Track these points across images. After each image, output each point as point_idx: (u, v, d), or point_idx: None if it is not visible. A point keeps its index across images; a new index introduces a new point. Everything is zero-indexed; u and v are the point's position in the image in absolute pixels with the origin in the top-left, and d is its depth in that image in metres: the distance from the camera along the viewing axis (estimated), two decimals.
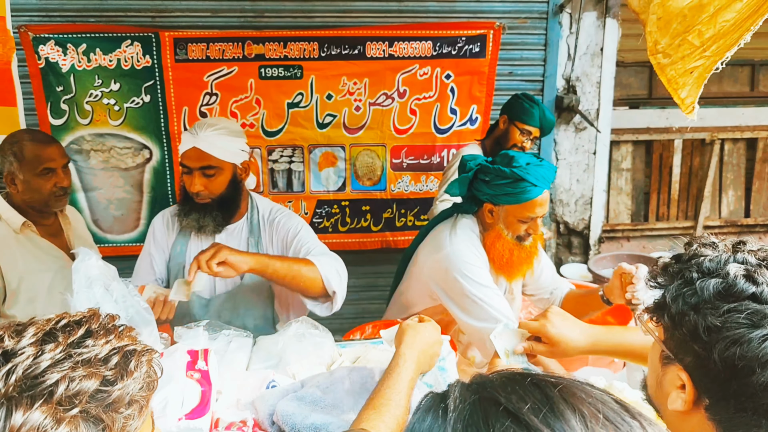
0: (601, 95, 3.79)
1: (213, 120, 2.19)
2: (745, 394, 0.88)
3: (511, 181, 2.03)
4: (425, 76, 3.64)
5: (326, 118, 3.64)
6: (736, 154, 5.15)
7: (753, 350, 0.85)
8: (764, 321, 0.86)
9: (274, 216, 2.33)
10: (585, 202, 3.99)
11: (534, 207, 2.05)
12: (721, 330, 0.88)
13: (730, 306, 0.88)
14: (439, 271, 2.15)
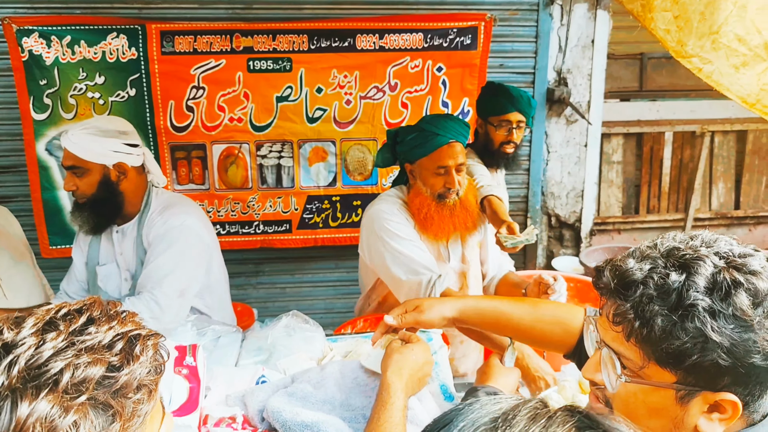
0: (592, 87, 3.77)
1: (92, 121, 2.17)
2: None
3: (418, 133, 2.14)
4: (416, 68, 3.61)
5: (316, 112, 3.60)
6: (726, 147, 5.15)
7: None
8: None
9: (165, 211, 2.23)
10: (576, 195, 3.98)
11: (443, 156, 2.12)
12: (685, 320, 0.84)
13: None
14: (364, 233, 2.24)
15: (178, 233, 2.15)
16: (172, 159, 3.57)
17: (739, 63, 1.89)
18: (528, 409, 0.57)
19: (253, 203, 3.67)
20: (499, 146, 2.73)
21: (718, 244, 0.92)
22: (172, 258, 2.11)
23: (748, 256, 0.89)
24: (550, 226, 4.07)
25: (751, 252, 0.91)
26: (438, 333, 1.66)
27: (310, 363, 1.56)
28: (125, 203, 2.20)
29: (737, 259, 0.87)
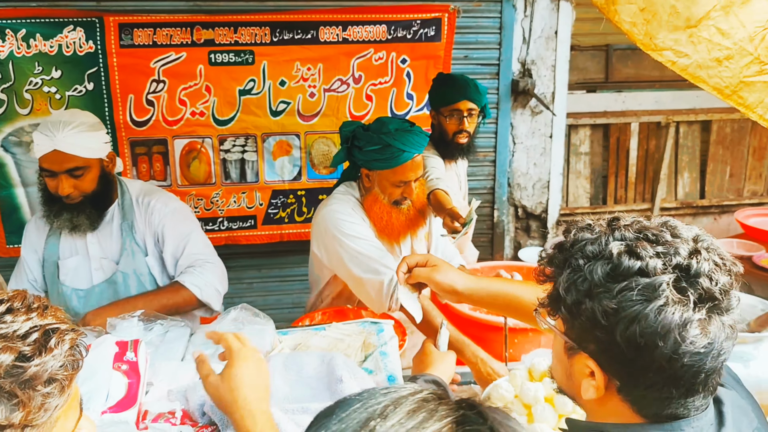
0: (556, 78, 3.79)
1: (66, 117, 2.09)
2: (652, 368, 0.87)
3: (380, 147, 2.08)
4: (380, 60, 3.59)
5: (279, 105, 3.57)
6: (691, 137, 5.22)
7: (651, 324, 0.84)
8: (655, 293, 0.85)
9: (145, 198, 2.31)
10: (542, 186, 4.00)
11: (405, 172, 2.11)
12: (618, 311, 0.87)
13: (621, 285, 0.87)
14: (318, 233, 2.21)
15: (187, 212, 2.38)
16: (132, 154, 3.50)
17: (722, 56, 1.91)
18: (413, 402, 0.55)
19: (216, 199, 3.63)
20: (452, 136, 2.72)
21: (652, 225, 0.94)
22: (198, 232, 2.33)
23: (670, 237, 0.90)
24: (516, 217, 4.08)
25: (681, 237, 0.91)
26: (389, 324, 1.65)
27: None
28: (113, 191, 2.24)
29: (653, 236, 0.90)
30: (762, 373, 1.93)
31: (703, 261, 0.87)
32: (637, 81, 5.04)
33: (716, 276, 0.87)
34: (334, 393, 1.27)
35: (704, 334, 0.84)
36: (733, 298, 0.88)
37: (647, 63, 5.07)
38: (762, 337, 1.97)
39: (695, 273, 0.86)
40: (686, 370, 0.85)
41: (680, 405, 0.90)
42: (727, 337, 0.87)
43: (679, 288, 0.85)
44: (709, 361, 0.86)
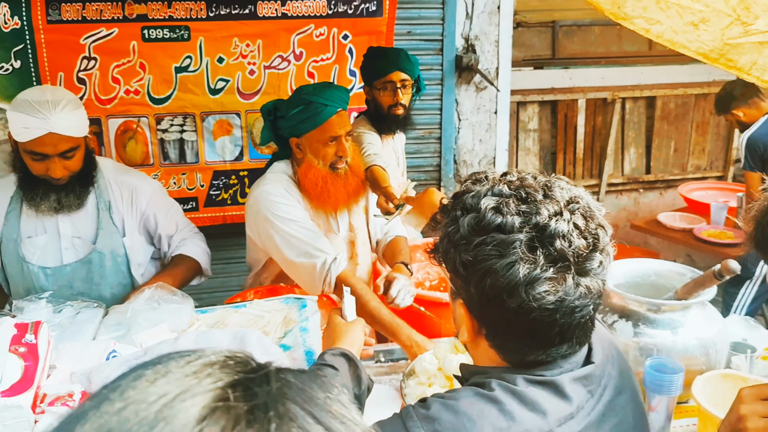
0: (499, 54, 3.78)
1: (48, 95, 2.01)
2: (503, 320, 0.93)
3: (303, 107, 2.08)
4: (322, 36, 3.52)
5: (218, 83, 3.47)
6: (637, 113, 5.30)
7: (499, 279, 0.89)
8: (507, 250, 0.89)
9: (122, 177, 2.30)
10: (488, 162, 4.00)
11: (333, 127, 2.10)
12: (473, 264, 0.91)
13: (479, 240, 0.91)
14: (251, 216, 2.18)
15: (163, 187, 2.49)
16: None
17: (697, 20, 1.90)
18: (189, 368, 0.46)
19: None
20: (388, 110, 2.69)
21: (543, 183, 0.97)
22: (178, 205, 2.47)
23: (540, 197, 0.93)
24: None
25: (552, 198, 0.94)
26: (313, 299, 1.62)
27: (172, 335, 1.49)
28: None
29: (525, 194, 0.93)
30: (688, 339, 1.97)
31: (562, 222, 0.90)
32: (584, 57, 5.08)
33: (572, 238, 0.90)
34: None
35: (553, 292, 0.88)
36: (593, 261, 0.92)
37: (593, 39, 5.11)
38: (689, 305, 2.00)
39: (550, 233, 0.89)
40: (538, 323, 0.90)
41: (541, 353, 0.95)
42: (582, 296, 0.91)
43: (531, 247, 0.89)
44: (561, 316, 0.90)
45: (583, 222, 0.92)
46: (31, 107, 1.93)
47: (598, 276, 0.93)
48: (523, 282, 0.87)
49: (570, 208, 0.93)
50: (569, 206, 0.93)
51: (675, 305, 2.02)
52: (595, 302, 0.94)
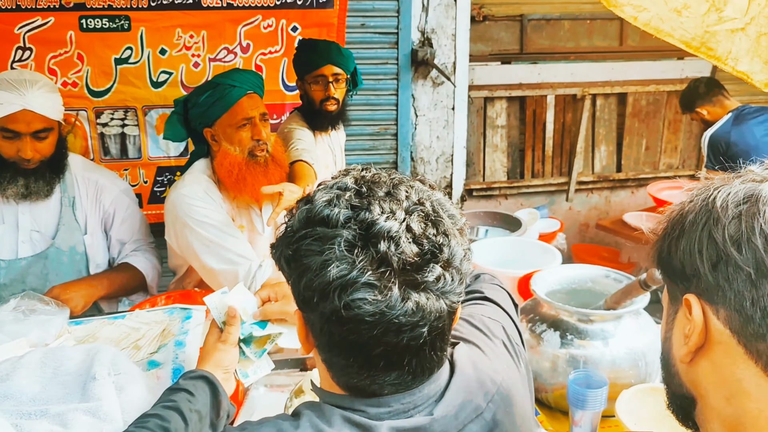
0: (457, 48, 3.66)
1: (26, 75, 2.03)
2: (325, 331, 0.79)
3: (211, 90, 2.01)
4: (270, 28, 3.39)
5: (161, 75, 3.34)
6: (608, 110, 5.20)
7: (313, 279, 0.77)
8: (326, 246, 0.76)
9: (90, 174, 2.26)
10: (446, 160, 3.89)
11: (244, 108, 2.01)
12: (293, 259, 0.80)
13: (303, 232, 0.79)
14: (169, 221, 2.10)
15: (131, 192, 2.42)
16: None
17: (680, 6, 1.80)
18: None
19: None
20: (320, 104, 2.58)
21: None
22: (141, 214, 2.44)
23: (381, 193, 0.82)
24: None
25: (394, 196, 0.82)
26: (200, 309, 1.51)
27: (26, 350, 1.38)
28: None
29: (366, 190, 0.82)
30: (617, 351, 1.88)
31: (392, 221, 0.77)
32: (553, 52, 4.97)
33: (400, 241, 0.76)
34: (85, 393, 1.12)
35: (371, 302, 0.75)
36: (428, 273, 0.78)
37: (562, 34, 5.00)
38: (621, 314, 1.90)
39: (375, 232, 0.76)
40: (357, 337, 0.77)
41: (365, 377, 0.81)
42: (410, 313, 0.76)
43: (351, 245, 0.76)
44: (383, 333, 0.76)
45: (420, 226, 0.79)
46: (8, 84, 1.92)
47: (439, 293, 0.79)
48: (336, 285, 0.75)
49: (410, 209, 0.80)
50: (411, 207, 0.81)
51: (606, 315, 1.92)
52: (432, 325, 0.79)
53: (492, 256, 2.70)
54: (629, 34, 5.10)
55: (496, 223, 3.48)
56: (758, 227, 0.62)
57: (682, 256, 0.69)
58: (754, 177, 0.68)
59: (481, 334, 1.03)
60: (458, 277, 0.81)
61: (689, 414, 0.73)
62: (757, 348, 0.62)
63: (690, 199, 0.72)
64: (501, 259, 2.71)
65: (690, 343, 0.67)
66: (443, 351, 0.86)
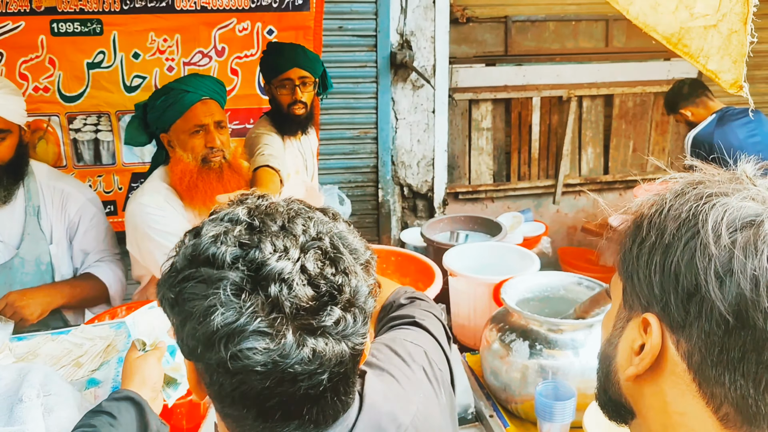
0: (436, 50, 3.61)
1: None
2: (215, 382, 0.73)
3: (166, 96, 1.98)
4: (245, 31, 3.34)
5: (134, 80, 3.29)
6: (594, 111, 5.16)
7: (196, 327, 0.69)
8: (210, 290, 0.69)
9: (56, 183, 2.20)
10: (427, 164, 3.85)
11: (198, 114, 1.98)
12: (177, 304, 0.72)
13: (186, 273, 0.71)
14: (130, 231, 2.06)
15: (99, 202, 2.34)
16: None
17: (654, 2, 1.77)
18: None
19: None
20: (288, 109, 2.52)
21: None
22: (108, 225, 2.34)
23: (275, 228, 0.75)
24: (403, 197, 3.93)
25: (289, 231, 0.75)
26: None
27: None
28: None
29: (258, 224, 0.76)
30: (587, 361, 1.83)
31: (285, 262, 0.70)
32: (538, 54, 4.92)
33: (294, 284, 0.70)
34: (11, 416, 1.07)
35: (262, 351, 0.68)
36: (327, 317, 0.71)
37: (547, 35, 4.95)
38: (592, 323, 1.86)
39: (265, 274, 0.69)
40: (249, 388, 0.70)
41: (263, 429, 0.75)
42: (307, 361, 0.70)
43: (239, 288, 0.69)
44: (278, 384, 0.70)
45: (317, 265, 0.72)
46: None
47: (340, 337, 0.72)
48: (222, 334, 0.68)
49: (306, 246, 0.73)
50: (308, 244, 0.74)
51: (577, 324, 1.88)
52: (333, 371, 0.73)
53: (470, 261, 2.65)
54: (615, 35, 5.06)
55: (477, 228, 3.43)
56: (749, 269, 0.54)
57: (653, 271, 0.61)
58: (755, 194, 0.59)
59: (399, 360, 0.97)
60: (362, 318, 0.75)
61: (623, 420, 0.70)
62: (712, 391, 0.58)
63: (675, 195, 0.63)
64: (479, 265, 2.66)
65: (639, 366, 0.63)
66: (348, 395, 0.80)
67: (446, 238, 3.30)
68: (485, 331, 2.04)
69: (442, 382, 1.01)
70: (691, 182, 0.63)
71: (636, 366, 0.63)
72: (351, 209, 3.49)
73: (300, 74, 2.49)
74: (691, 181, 0.64)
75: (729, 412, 0.57)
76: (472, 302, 2.43)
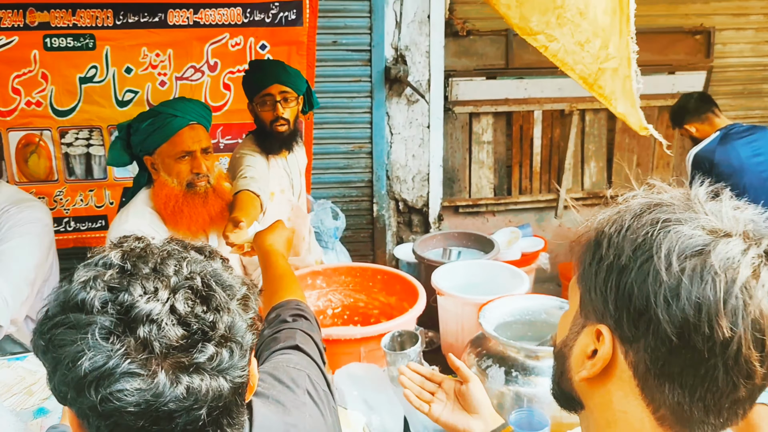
0: (431, 65, 3.58)
1: None
2: (87, 425, 0.73)
3: (152, 119, 1.95)
4: (238, 46, 3.34)
5: (126, 94, 3.30)
6: (597, 125, 5.09)
7: (66, 374, 0.69)
8: (78, 335, 0.69)
9: (11, 206, 2.09)
10: (422, 179, 3.81)
11: (183, 140, 1.95)
12: (47, 351, 0.72)
13: (57, 320, 0.71)
14: None
15: (35, 225, 2.08)
16: None
17: (583, 40, 1.72)
18: None
19: (60, 197, 3.35)
20: (270, 126, 2.48)
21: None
22: (24, 248, 2.03)
23: (147, 270, 0.75)
24: (398, 211, 3.89)
25: (161, 273, 0.76)
26: None
27: None
28: None
29: (131, 266, 0.76)
30: None
31: (154, 303, 0.71)
32: (539, 67, 4.87)
33: (164, 324, 0.70)
34: None
35: (134, 392, 0.68)
36: (200, 354, 0.72)
37: None
38: None
39: (134, 317, 0.70)
40: (122, 430, 0.70)
41: None
42: (181, 398, 0.70)
43: (108, 332, 0.69)
44: (152, 422, 0.70)
45: (187, 305, 0.73)
46: None
47: (216, 372, 0.73)
48: (91, 378, 0.68)
49: (176, 287, 0.74)
50: (178, 284, 0.74)
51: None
52: (211, 406, 0.73)
53: (459, 279, 2.61)
54: None
55: (470, 244, 3.39)
56: (694, 296, 0.61)
57: (609, 289, 0.68)
58: (705, 223, 0.65)
59: (283, 387, 1.01)
60: (240, 352, 0.76)
61: (572, 409, 0.79)
62: (653, 396, 0.66)
63: (633, 216, 0.69)
64: (468, 283, 2.61)
65: (591, 370, 0.70)
66: (233, 426, 0.81)
67: (439, 255, 3.25)
68: (463, 355, 2.00)
69: (327, 403, 1.06)
70: (649, 205, 0.69)
71: (588, 370, 0.70)
72: (345, 224, 3.46)
73: (280, 89, 2.45)
74: (649, 204, 0.70)
75: (665, 414, 0.66)
76: (460, 321, 2.38)
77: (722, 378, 0.62)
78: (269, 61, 2.56)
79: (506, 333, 1.99)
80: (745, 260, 0.62)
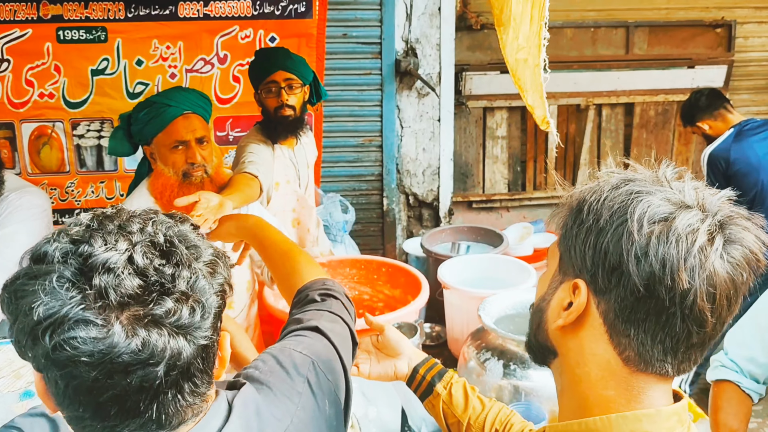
0: (441, 58, 3.55)
1: None
2: (51, 380, 0.73)
3: (148, 109, 1.94)
4: (247, 39, 3.35)
5: (137, 86, 3.32)
6: (614, 120, 5.01)
7: (24, 321, 0.70)
8: (36, 284, 0.69)
9: (10, 193, 2.12)
10: (433, 172, 3.78)
11: (178, 130, 1.93)
12: (10, 302, 0.72)
13: (20, 272, 0.73)
14: None
15: (35, 211, 2.11)
16: None
17: (503, 30, 1.70)
18: None
19: (72, 189, 3.39)
20: (275, 113, 2.46)
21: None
22: (25, 233, 2.04)
23: (112, 226, 0.76)
24: (408, 205, 3.87)
25: (124, 229, 0.76)
26: None
27: None
28: None
29: (98, 225, 0.76)
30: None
31: (113, 252, 0.71)
32: (554, 61, 4.79)
33: (121, 274, 0.70)
34: None
35: (89, 341, 0.67)
36: (158, 306, 0.71)
37: (565, 43, 4.84)
38: None
39: (92, 265, 0.70)
40: (78, 383, 0.70)
41: (103, 430, 0.74)
42: (136, 351, 0.69)
43: (65, 280, 0.69)
44: (107, 374, 0.69)
45: (146, 258, 0.72)
46: None
47: (175, 329, 0.72)
48: (46, 325, 0.67)
49: (136, 241, 0.74)
50: (140, 239, 0.74)
51: None
52: (170, 364, 0.72)
53: (468, 273, 2.59)
54: (636, 42, 4.91)
55: (479, 239, 3.35)
56: (660, 254, 0.71)
57: (587, 248, 0.76)
58: (671, 196, 0.74)
59: (282, 371, 0.97)
60: (201, 312, 0.75)
61: (546, 360, 0.86)
62: (619, 340, 0.76)
63: (611, 187, 0.77)
64: (476, 277, 2.59)
65: (567, 320, 0.79)
66: (197, 395, 0.78)
67: (447, 249, 3.23)
68: (464, 348, 1.98)
69: (328, 393, 1.01)
70: (625, 179, 0.78)
71: (564, 318, 0.79)
72: (355, 217, 3.45)
73: (285, 76, 2.44)
74: (625, 179, 0.78)
75: (630, 355, 0.76)
76: (465, 316, 2.36)
77: (679, 325, 0.72)
78: (274, 48, 2.55)
79: (508, 326, 1.96)
80: (702, 227, 0.72)
